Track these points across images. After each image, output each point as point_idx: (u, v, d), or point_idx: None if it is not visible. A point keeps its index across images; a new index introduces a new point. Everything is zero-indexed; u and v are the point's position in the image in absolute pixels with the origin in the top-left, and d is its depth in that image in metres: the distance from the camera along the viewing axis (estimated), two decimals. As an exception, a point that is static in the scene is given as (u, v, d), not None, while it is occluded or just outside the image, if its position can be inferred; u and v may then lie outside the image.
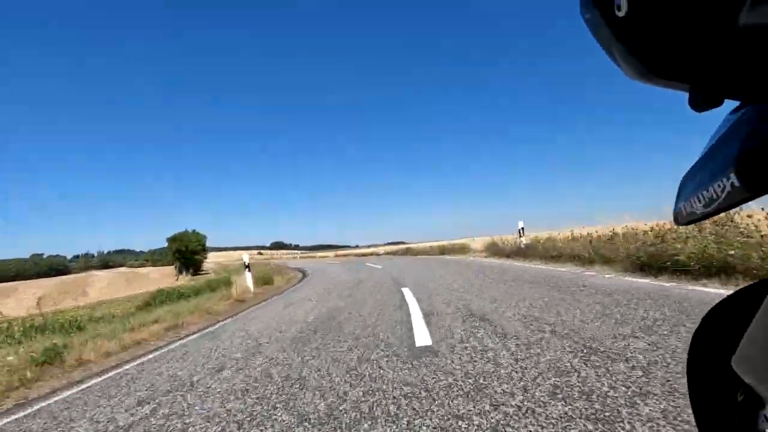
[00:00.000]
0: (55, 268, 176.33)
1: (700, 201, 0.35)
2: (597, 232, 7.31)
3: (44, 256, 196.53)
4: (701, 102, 0.29)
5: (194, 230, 40.05)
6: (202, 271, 48.62)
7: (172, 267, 44.37)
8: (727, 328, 0.41)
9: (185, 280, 30.53)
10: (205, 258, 46.12)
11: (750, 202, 0.35)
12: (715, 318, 0.45)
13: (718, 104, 0.30)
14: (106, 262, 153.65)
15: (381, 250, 31.70)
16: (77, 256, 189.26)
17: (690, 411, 0.54)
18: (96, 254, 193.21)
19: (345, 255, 33.91)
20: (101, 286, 45.51)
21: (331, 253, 39.75)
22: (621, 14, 0.28)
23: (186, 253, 38.92)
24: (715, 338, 0.44)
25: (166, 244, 43.07)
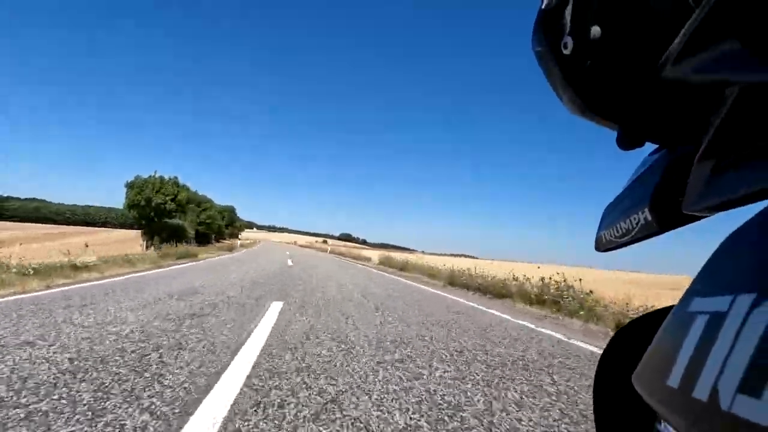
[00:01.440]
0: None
1: (618, 231, 0.39)
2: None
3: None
4: (627, 141, 0.32)
5: (173, 178, 24.32)
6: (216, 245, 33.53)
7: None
8: (632, 348, 0.43)
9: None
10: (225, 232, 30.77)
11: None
12: (621, 339, 0.48)
13: (640, 145, 0.33)
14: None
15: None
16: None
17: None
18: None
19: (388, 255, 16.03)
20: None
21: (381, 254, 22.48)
22: (567, 52, 0.31)
23: (146, 209, 23.17)
24: (620, 357, 0.47)
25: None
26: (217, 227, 42.46)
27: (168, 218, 25.09)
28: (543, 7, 0.34)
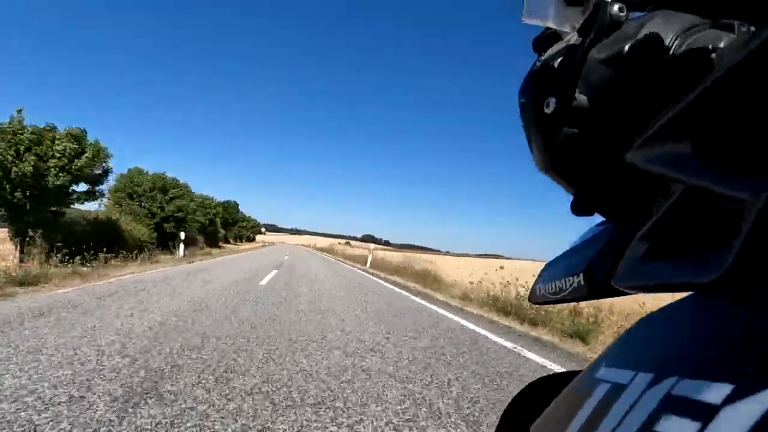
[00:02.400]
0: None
1: (552, 288, 0.43)
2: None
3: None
4: (578, 208, 0.34)
5: (74, 130, 12.75)
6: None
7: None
8: (535, 404, 0.46)
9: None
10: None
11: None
12: (525, 396, 0.52)
13: (590, 214, 0.35)
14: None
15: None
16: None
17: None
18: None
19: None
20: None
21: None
22: (548, 111, 0.33)
23: (3, 184, 11.47)
24: (522, 412, 0.50)
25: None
26: (202, 226, 30.65)
27: (59, 204, 13.21)
28: (539, 61, 0.35)
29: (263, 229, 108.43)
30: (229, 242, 53.57)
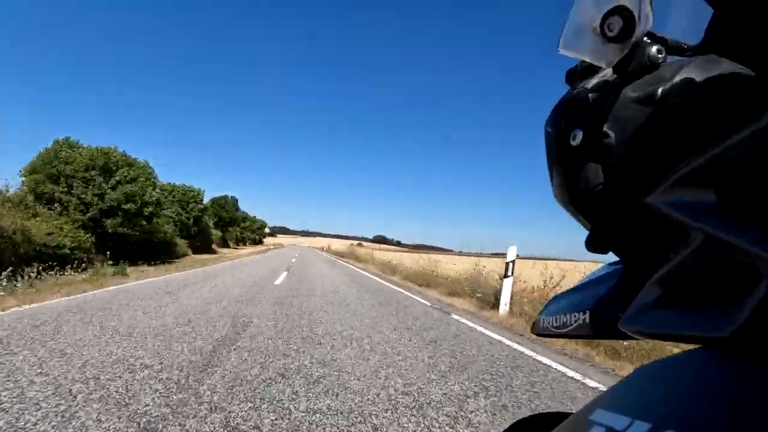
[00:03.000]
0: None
1: (557, 321, 0.42)
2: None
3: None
4: (593, 245, 0.34)
5: None
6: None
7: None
8: None
9: None
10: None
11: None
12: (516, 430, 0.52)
13: (604, 252, 0.34)
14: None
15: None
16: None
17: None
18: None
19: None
20: None
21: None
22: (573, 144, 0.32)
23: None
24: None
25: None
26: (182, 225, 23.14)
27: None
28: (570, 93, 0.35)
29: (267, 230, 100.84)
30: (228, 245, 46.28)
